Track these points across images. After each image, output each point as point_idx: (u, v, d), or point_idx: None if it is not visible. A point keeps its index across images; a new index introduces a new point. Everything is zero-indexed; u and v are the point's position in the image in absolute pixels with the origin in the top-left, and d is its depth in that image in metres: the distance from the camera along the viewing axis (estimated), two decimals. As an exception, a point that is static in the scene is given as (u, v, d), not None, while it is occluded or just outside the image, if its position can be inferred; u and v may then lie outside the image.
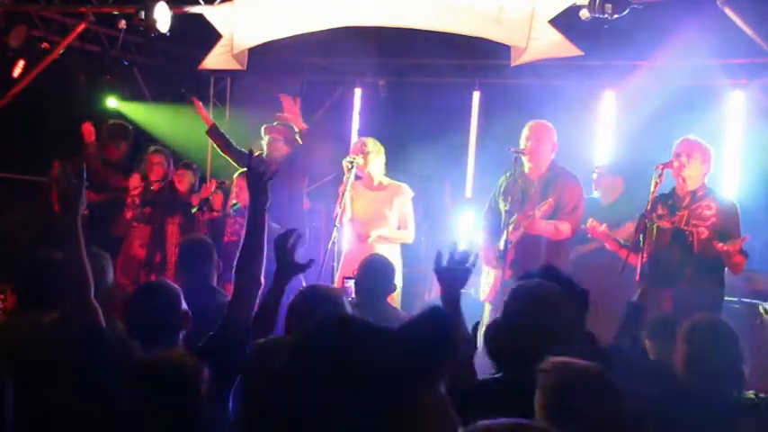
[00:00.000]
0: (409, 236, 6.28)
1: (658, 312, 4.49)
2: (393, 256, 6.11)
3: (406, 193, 6.28)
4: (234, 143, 6.74)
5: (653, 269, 4.88)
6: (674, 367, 3.39)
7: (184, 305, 3.10)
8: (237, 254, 3.06)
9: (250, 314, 2.99)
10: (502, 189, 5.60)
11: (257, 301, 3.04)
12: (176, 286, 3.21)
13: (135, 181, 6.93)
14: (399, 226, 6.25)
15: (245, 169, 6.51)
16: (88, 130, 7.21)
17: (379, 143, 6.28)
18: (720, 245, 4.77)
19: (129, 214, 6.90)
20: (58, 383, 2.46)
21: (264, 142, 6.56)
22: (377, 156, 6.23)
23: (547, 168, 5.52)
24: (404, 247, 6.36)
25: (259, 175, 3.09)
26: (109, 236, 6.68)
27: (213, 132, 6.80)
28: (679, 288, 4.90)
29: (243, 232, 3.14)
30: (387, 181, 6.32)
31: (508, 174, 5.57)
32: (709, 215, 4.98)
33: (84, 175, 2.94)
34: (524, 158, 5.48)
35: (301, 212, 6.50)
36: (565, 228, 5.38)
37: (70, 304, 2.87)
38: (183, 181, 6.97)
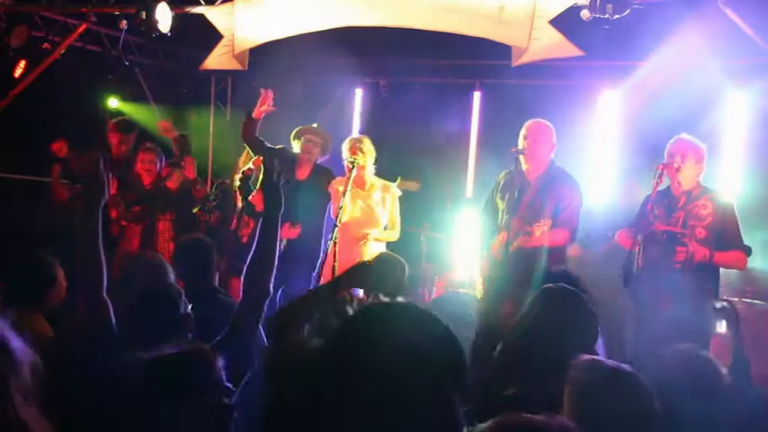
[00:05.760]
0: (396, 235, 6.33)
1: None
2: None
3: (395, 193, 6.32)
4: (263, 139, 6.41)
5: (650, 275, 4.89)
6: None
7: (186, 308, 3.09)
8: (248, 259, 3.04)
9: (257, 319, 2.98)
10: (500, 186, 5.56)
11: (265, 308, 3.03)
12: (178, 288, 3.20)
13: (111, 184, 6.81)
14: (386, 225, 6.29)
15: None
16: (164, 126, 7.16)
17: (369, 141, 6.29)
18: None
19: (113, 213, 6.82)
20: (67, 377, 2.46)
21: (299, 144, 6.36)
22: (372, 156, 6.26)
23: (545, 169, 5.41)
24: (403, 247, 6.36)
25: (274, 180, 3.08)
26: (106, 235, 6.62)
27: (252, 122, 6.28)
28: (675, 293, 4.85)
29: (247, 238, 3.14)
30: (377, 181, 6.33)
31: (506, 171, 5.53)
32: (705, 214, 4.96)
33: (103, 168, 2.92)
34: (521, 158, 5.44)
35: (322, 224, 6.40)
36: (562, 235, 5.26)
37: (83, 298, 2.87)
38: (173, 178, 6.94)
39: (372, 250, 6.06)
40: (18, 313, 3.39)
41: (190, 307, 3.14)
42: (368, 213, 6.23)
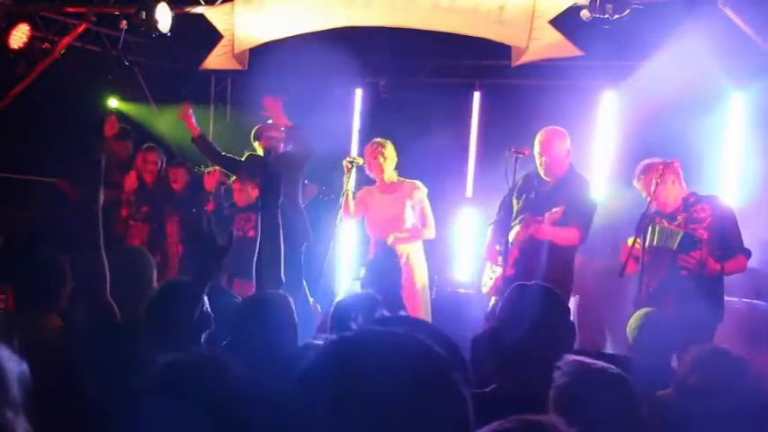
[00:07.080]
0: (430, 232, 6.26)
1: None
2: (416, 254, 6.11)
3: (421, 189, 6.24)
4: (221, 151, 6.53)
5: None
6: None
7: (207, 306, 3.08)
8: (255, 256, 3.08)
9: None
10: (518, 187, 5.52)
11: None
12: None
13: (131, 179, 6.85)
14: (418, 223, 6.22)
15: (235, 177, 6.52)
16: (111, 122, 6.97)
17: (392, 146, 6.25)
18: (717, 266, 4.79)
19: (124, 212, 6.83)
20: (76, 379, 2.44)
21: (259, 144, 6.39)
22: (393, 161, 6.22)
23: (562, 174, 5.41)
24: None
25: (271, 176, 3.13)
26: (109, 234, 6.62)
27: (200, 141, 6.48)
28: (682, 291, 4.84)
29: (253, 230, 3.17)
30: (399, 180, 6.28)
31: (524, 174, 5.48)
32: (704, 217, 4.98)
33: (103, 171, 2.86)
34: (541, 170, 5.40)
35: (299, 210, 6.45)
36: (573, 235, 5.25)
37: (87, 300, 2.85)
38: (179, 179, 6.93)
39: (401, 250, 6.04)
40: (34, 315, 3.38)
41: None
42: (391, 214, 6.18)
